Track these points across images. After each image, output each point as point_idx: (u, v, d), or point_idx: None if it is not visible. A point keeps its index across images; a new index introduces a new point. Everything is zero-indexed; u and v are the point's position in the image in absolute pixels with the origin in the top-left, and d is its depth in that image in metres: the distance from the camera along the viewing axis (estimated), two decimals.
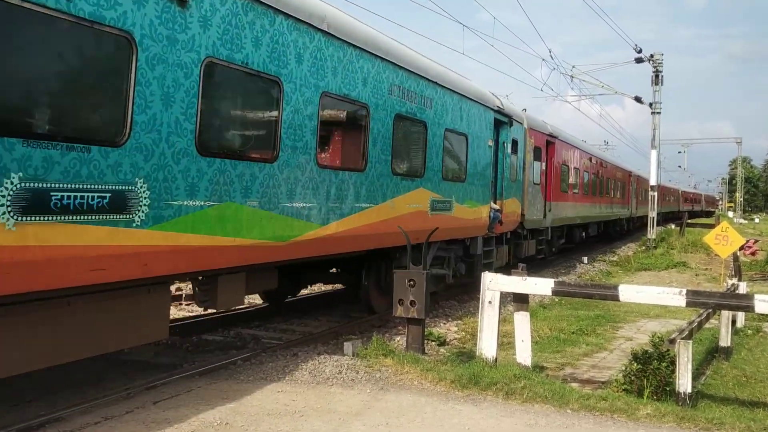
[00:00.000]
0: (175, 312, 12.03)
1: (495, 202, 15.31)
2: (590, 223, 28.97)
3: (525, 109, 19.71)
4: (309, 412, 6.45)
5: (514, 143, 16.97)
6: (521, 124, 17.77)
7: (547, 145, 20.88)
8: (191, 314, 11.72)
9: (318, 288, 15.16)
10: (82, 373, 7.87)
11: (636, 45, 31.12)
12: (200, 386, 7.18)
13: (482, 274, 8.49)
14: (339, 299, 13.95)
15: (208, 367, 8.05)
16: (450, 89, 12.75)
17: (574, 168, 24.61)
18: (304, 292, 14.12)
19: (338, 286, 14.47)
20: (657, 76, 31.67)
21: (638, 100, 33.01)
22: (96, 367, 8.15)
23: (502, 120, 15.78)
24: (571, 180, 24.03)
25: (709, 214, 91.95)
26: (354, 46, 9.39)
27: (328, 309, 13.05)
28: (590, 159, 27.53)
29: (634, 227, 43.85)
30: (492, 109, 15.13)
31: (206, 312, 10.79)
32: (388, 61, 10.40)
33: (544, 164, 20.33)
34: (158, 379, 7.49)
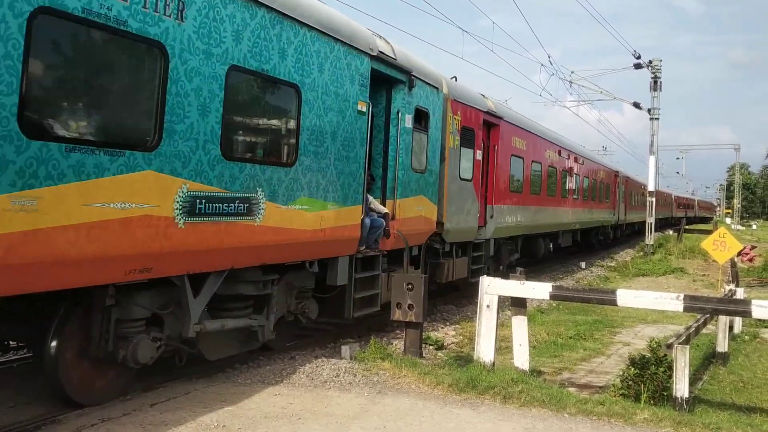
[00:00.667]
0: None
1: (383, 203, 10.42)
2: (562, 232, 23.83)
3: (455, 78, 14.33)
4: (306, 415, 6.44)
5: (421, 116, 11.42)
6: (436, 90, 12.01)
7: (488, 127, 15.61)
8: None
9: None
10: None
11: (635, 51, 31.24)
12: (198, 389, 7.17)
13: (480, 278, 8.49)
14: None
15: (206, 369, 8.04)
16: None
17: (534, 161, 19.38)
18: None
19: None
20: (656, 82, 31.77)
21: (637, 106, 33.10)
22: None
23: (393, 77, 10.44)
24: (529, 177, 18.82)
25: (703, 221, 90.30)
26: None
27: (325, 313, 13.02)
28: (559, 152, 22.40)
29: (622, 235, 40.29)
30: (366, 53, 9.50)
31: None
32: None
33: (480, 153, 14.76)
34: (156, 382, 7.48)
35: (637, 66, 31.56)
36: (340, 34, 8.90)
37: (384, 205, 10.38)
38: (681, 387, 7.20)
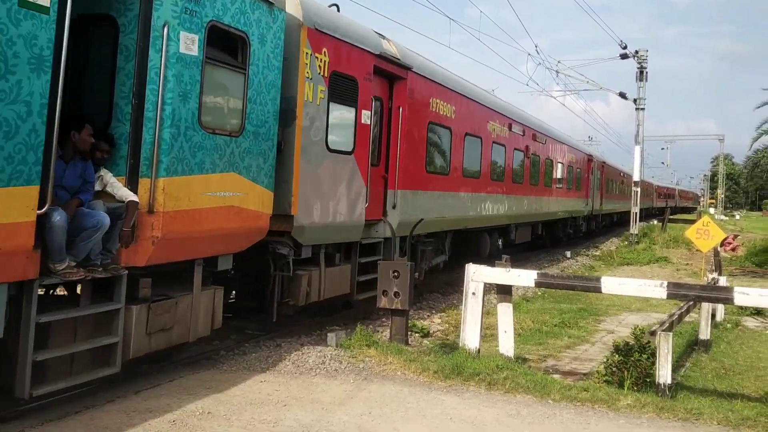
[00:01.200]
0: None
1: (133, 183, 6.38)
2: (516, 225, 19.55)
3: (336, 6, 10.46)
4: (292, 401, 6.45)
5: (231, 42, 7.36)
6: (269, 5, 7.84)
7: (390, 81, 11.19)
8: None
9: None
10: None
11: (621, 41, 31.32)
12: (183, 376, 7.15)
13: (466, 265, 8.51)
14: None
15: (191, 357, 8.03)
16: None
17: (470, 135, 14.80)
18: None
19: None
20: (641, 72, 31.88)
21: (623, 96, 33.21)
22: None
23: None
24: (461, 155, 14.37)
25: (684, 210, 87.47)
26: None
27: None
28: (510, 125, 18.01)
29: (598, 227, 36.28)
30: None
31: None
32: None
33: (369, 115, 10.37)
34: (140, 369, 7.46)
35: (624, 56, 31.64)
36: None
37: (134, 187, 6.34)
38: (664, 373, 7.27)
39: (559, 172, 24.45)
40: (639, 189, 32.96)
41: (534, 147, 20.70)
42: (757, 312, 13.23)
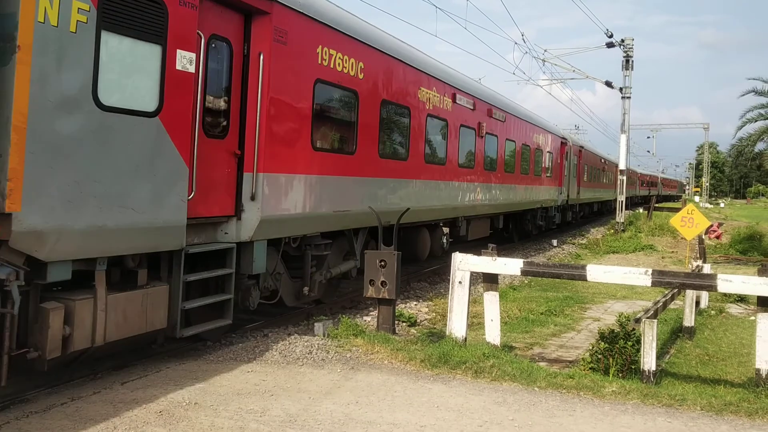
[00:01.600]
0: None
1: None
2: (467, 218, 16.36)
3: None
4: (279, 391, 6.45)
5: None
6: None
7: (246, 16, 8.23)
8: None
9: None
10: None
11: (607, 30, 31.36)
12: (169, 367, 7.13)
13: (453, 254, 8.53)
14: None
15: (177, 347, 8.01)
16: None
17: (389, 102, 11.67)
18: None
19: None
20: (627, 61, 31.95)
21: (609, 84, 33.31)
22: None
23: None
24: (375, 129, 11.22)
25: (667, 199, 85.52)
26: None
27: None
28: (454, 96, 14.67)
29: (576, 218, 33.60)
30: None
31: None
32: None
33: (190, 58, 7.11)
34: (126, 361, 7.44)
35: (610, 45, 31.69)
36: None
37: None
38: (648, 360, 7.33)
39: (525, 157, 21.19)
40: (625, 177, 33.12)
41: (490, 125, 17.08)
42: (741, 299, 13.36)
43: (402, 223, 10.55)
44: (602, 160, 41.83)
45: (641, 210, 46.07)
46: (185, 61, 7.02)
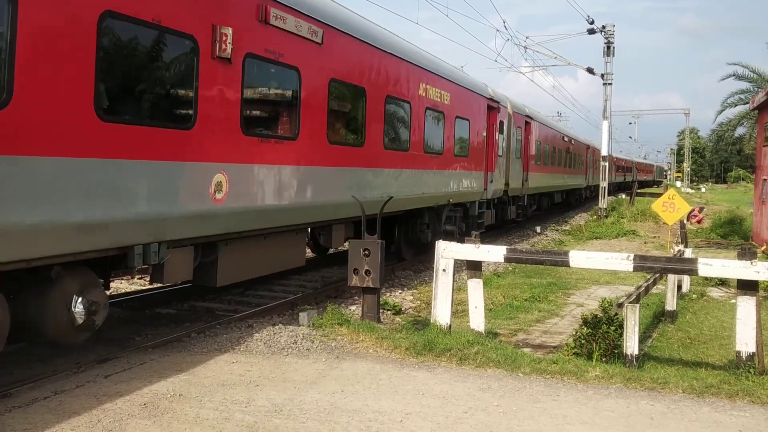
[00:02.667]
0: (127, 286, 11.85)
1: None
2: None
3: None
4: (264, 381, 6.44)
5: None
6: None
7: None
8: (143, 288, 11.55)
9: None
10: (31, 348, 7.71)
11: (588, 16, 31.42)
12: (153, 359, 7.10)
13: (437, 242, 8.55)
14: (292, 271, 13.89)
15: (161, 340, 7.97)
16: None
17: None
18: None
19: None
20: (609, 48, 32.07)
21: (590, 71, 33.41)
22: (46, 342, 7.99)
23: None
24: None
25: (643, 185, 79.20)
26: None
27: (283, 280, 13.00)
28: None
29: (525, 213, 25.26)
30: None
31: (159, 286, 10.64)
32: None
33: None
34: (110, 353, 7.40)
35: (591, 31, 31.79)
36: None
37: None
38: (631, 344, 7.40)
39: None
40: (608, 164, 33.31)
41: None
42: (722, 282, 13.52)
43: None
44: (567, 139, 34.04)
45: (623, 196, 46.33)
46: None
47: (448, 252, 8.38)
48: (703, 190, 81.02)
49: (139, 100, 7.03)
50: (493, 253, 8.30)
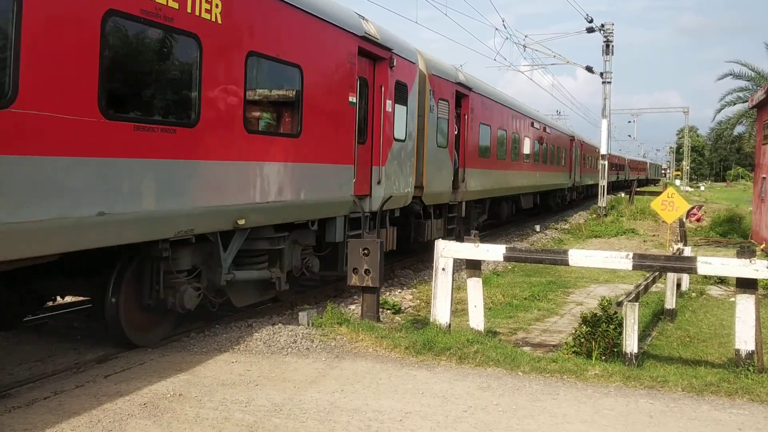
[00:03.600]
0: None
1: None
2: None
3: None
4: (263, 381, 6.45)
5: None
6: None
7: None
8: None
9: None
10: (31, 348, 7.72)
11: (587, 15, 31.42)
12: (153, 359, 7.11)
13: (436, 241, 8.56)
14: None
15: (162, 339, 7.96)
16: None
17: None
18: None
19: None
20: (608, 46, 32.08)
21: (589, 69, 33.42)
22: (45, 342, 8.00)
23: None
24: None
25: (635, 184, 76.04)
26: None
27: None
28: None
29: (467, 227, 17.00)
30: None
31: None
32: None
33: None
34: (109, 354, 7.40)
35: (590, 30, 31.79)
36: None
37: None
38: (630, 343, 7.41)
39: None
40: (606, 162, 33.32)
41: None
42: (721, 281, 13.52)
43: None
44: (537, 125, 26.73)
45: (622, 194, 46.30)
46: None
47: (447, 251, 8.38)
48: (702, 188, 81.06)
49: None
50: (492, 252, 8.30)
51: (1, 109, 5.28)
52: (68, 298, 9.49)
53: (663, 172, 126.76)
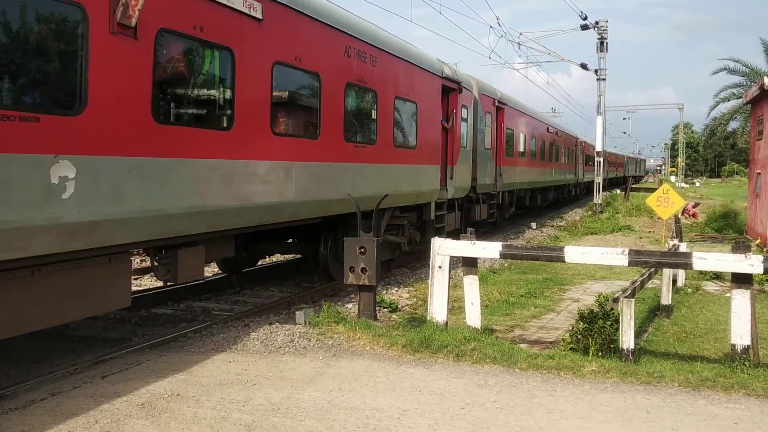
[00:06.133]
0: None
1: None
2: None
3: None
4: (261, 380, 6.45)
5: None
6: None
7: None
8: (140, 288, 11.53)
9: (270, 259, 15.09)
10: (28, 350, 7.71)
11: (582, 12, 31.47)
12: (150, 359, 7.10)
13: (432, 239, 8.56)
14: (289, 270, 13.90)
15: (158, 340, 7.97)
16: None
17: None
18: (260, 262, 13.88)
19: (289, 256, 14.27)
20: (602, 43, 32.13)
21: (584, 67, 33.47)
22: (42, 343, 7.99)
23: None
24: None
25: (615, 184, 61.68)
26: None
27: (279, 279, 13.02)
28: None
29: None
30: None
31: (155, 286, 10.64)
32: None
33: None
34: (107, 354, 7.39)
35: (584, 27, 31.84)
36: None
37: None
38: (627, 339, 7.42)
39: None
40: (602, 159, 33.38)
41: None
42: (717, 276, 13.55)
43: None
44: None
45: (618, 191, 46.32)
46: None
47: (443, 249, 8.39)
48: (698, 184, 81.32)
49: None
50: (488, 250, 8.31)
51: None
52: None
53: (657, 168, 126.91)
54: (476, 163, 18.19)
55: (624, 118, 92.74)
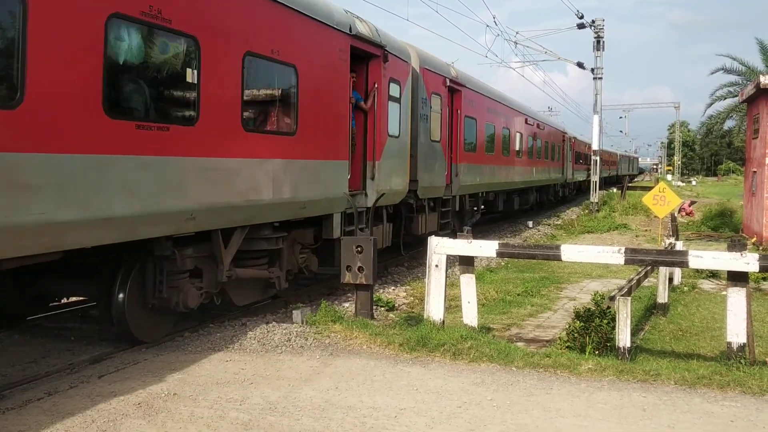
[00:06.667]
0: None
1: None
2: None
3: None
4: (258, 379, 6.45)
5: None
6: None
7: None
8: None
9: None
10: (24, 350, 7.70)
11: (578, 11, 31.49)
12: (147, 358, 7.10)
13: (429, 238, 8.57)
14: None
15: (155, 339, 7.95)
16: None
17: None
18: None
19: None
20: (598, 42, 32.14)
21: (580, 66, 33.52)
22: (39, 343, 7.99)
23: None
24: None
25: (608, 182, 61.11)
26: None
27: None
28: None
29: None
30: None
31: None
32: None
33: None
34: (103, 353, 7.39)
35: (581, 26, 31.86)
36: None
37: None
38: (623, 337, 7.44)
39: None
40: (598, 158, 33.42)
41: None
42: (713, 274, 13.58)
43: None
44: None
45: (614, 190, 46.34)
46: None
47: (440, 248, 8.40)
48: (694, 183, 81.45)
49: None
50: (485, 248, 8.32)
51: None
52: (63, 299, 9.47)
53: (654, 166, 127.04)
54: (417, 158, 14.07)
55: (621, 117, 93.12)
